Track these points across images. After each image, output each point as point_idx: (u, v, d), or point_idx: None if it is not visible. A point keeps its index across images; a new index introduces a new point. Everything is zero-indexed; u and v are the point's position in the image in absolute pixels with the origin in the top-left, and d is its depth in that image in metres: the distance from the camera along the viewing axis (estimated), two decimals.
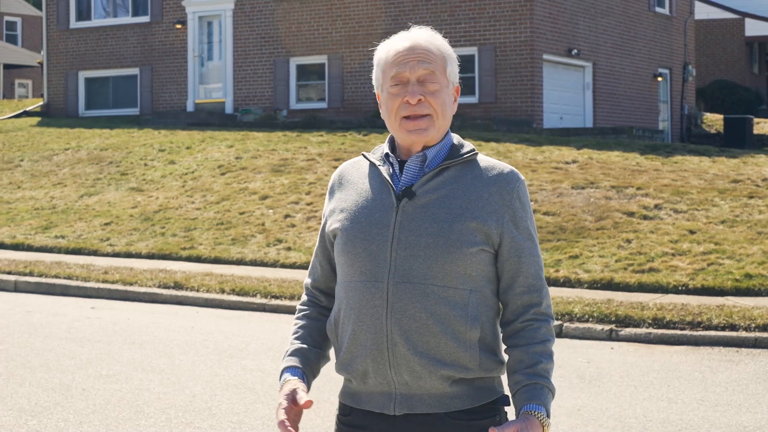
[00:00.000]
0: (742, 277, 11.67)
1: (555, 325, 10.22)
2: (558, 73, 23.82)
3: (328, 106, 24.76)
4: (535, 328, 2.80)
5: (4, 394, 7.65)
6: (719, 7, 38.06)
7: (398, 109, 2.81)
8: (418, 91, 2.79)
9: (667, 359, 9.19)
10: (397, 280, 2.75)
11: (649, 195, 14.89)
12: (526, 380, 2.75)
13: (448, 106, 2.83)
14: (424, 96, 2.79)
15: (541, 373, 2.76)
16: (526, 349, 2.78)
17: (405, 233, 2.77)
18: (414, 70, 2.80)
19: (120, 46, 27.59)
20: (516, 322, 2.81)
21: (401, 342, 2.74)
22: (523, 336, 2.80)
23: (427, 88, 2.80)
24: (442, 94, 2.81)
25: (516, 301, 2.82)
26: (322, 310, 3.02)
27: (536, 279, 2.82)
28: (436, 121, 2.80)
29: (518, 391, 2.76)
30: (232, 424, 6.89)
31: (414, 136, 2.80)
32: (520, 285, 2.81)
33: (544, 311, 2.82)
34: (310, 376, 2.93)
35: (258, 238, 14.88)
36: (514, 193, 2.81)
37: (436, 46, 2.84)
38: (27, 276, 13.48)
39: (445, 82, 2.83)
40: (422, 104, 2.79)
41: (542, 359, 2.77)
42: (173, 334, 10.14)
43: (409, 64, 2.80)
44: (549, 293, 2.87)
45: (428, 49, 2.82)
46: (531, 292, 2.81)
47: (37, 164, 20.81)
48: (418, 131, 2.80)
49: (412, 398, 2.78)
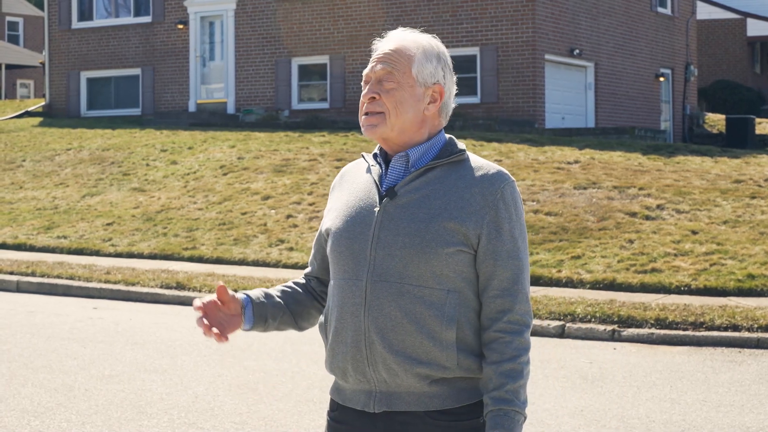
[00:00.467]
0: (744, 277, 11.66)
1: (557, 326, 10.27)
2: (560, 73, 23.82)
3: (330, 106, 24.76)
4: (506, 342, 2.75)
5: (7, 394, 7.65)
6: (721, 7, 38.05)
7: (362, 107, 2.89)
8: (373, 89, 2.86)
9: (669, 360, 9.18)
10: (375, 278, 2.78)
11: (652, 195, 14.89)
12: (492, 405, 2.73)
13: (407, 105, 2.84)
14: (379, 94, 2.85)
15: (506, 397, 2.72)
16: (495, 367, 2.74)
17: (384, 233, 2.80)
18: (374, 70, 2.87)
19: (122, 46, 27.60)
20: (489, 330, 2.78)
21: (378, 340, 2.77)
22: (494, 349, 2.76)
23: (382, 87, 2.85)
24: (398, 92, 2.84)
25: (490, 304, 2.79)
26: (310, 288, 3.10)
27: (512, 283, 2.78)
28: (389, 119, 2.84)
29: (486, 415, 2.75)
30: (235, 425, 6.88)
31: (366, 132, 2.88)
32: (494, 288, 2.78)
33: (518, 318, 2.78)
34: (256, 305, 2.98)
35: (260, 239, 14.88)
36: (497, 193, 2.80)
37: (405, 47, 2.88)
38: (29, 276, 13.48)
39: (408, 81, 2.85)
40: (376, 102, 2.85)
41: (509, 380, 2.73)
42: (175, 335, 10.14)
43: (372, 65, 2.89)
44: (528, 299, 2.81)
45: (396, 49, 2.87)
46: (504, 296, 2.77)
47: (39, 164, 20.82)
48: (368, 126, 2.86)
49: (392, 396, 2.80)
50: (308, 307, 3.08)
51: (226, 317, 2.93)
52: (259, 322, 2.99)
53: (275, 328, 3.04)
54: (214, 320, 2.90)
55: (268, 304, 3.01)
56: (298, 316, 3.07)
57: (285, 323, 3.05)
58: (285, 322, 3.05)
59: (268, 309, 3.00)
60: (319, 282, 3.10)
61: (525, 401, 2.77)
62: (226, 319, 2.93)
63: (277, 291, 3.06)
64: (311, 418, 7.07)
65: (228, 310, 2.92)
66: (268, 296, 3.02)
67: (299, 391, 7.79)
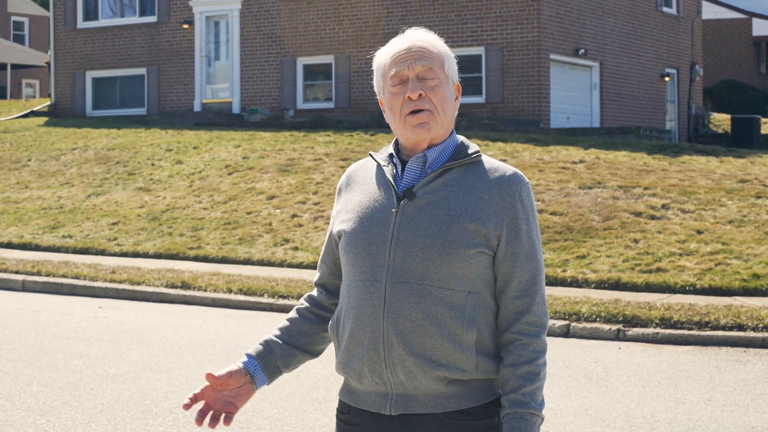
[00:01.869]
0: (749, 277, 11.65)
1: (562, 325, 10.27)
2: (565, 73, 23.81)
3: (335, 106, 24.77)
4: (524, 344, 2.76)
5: (13, 393, 7.67)
6: (726, 7, 38.01)
7: (402, 107, 2.82)
8: (418, 86, 2.80)
9: (674, 359, 9.18)
10: (395, 280, 2.75)
11: (657, 195, 14.88)
12: (509, 408, 2.74)
13: (448, 101, 2.84)
14: (424, 91, 2.80)
15: (523, 400, 2.73)
16: (513, 369, 2.75)
17: (404, 234, 2.77)
18: (412, 68, 2.81)
19: (127, 46, 27.63)
20: (507, 332, 2.78)
21: (397, 342, 2.74)
22: (511, 351, 2.76)
23: (426, 84, 2.81)
24: (441, 89, 2.81)
25: (508, 305, 2.79)
26: (316, 308, 3.04)
27: (530, 284, 2.79)
28: (437, 116, 2.81)
29: (503, 418, 2.75)
30: (240, 424, 6.89)
31: (418, 130, 2.81)
32: (513, 289, 2.79)
33: (536, 320, 2.78)
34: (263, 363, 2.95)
35: (265, 238, 14.90)
36: (515, 195, 2.79)
37: (432, 44, 2.85)
38: (35, 276, 13.51)
39: (444, 77, 2.83)
40: (423, 99, 2.80)
41: (526, 383, 2.73)
42: (181, 334, 10.16)
43: (407, 62, 2.81)
44: (545, 300, 2.83)
45: (424, 47, 2.83)
46: (522, 297, 2.78)
47: (44, 164, 20.86)
48: (421, 125, 2.80)
49: (408, 398, 2.78)
50: (316, 332, 3.03)
51: (232, 392, 2.90)
52: (273, 378, 2.97)
53: (291, 370, 3.02)
54: (218, 403, 2.88)
55: (275, 356, 2.97)
56: (310, 346, 3.02)
57: (300, 362, 3.02)
58: (299, 361, 3.02)
59: (277, 360, 2.97)
60: (328, 293, 3.04)
61: (542, 403, 2.77)
62: (232, 394, 2.90)
63: (280, 332, 3.01)
64: (316, 417, 7.08)
65: (230, 386, 2.89)
66: (273, 345, 2.98)
67: (304, 390, 7.80)
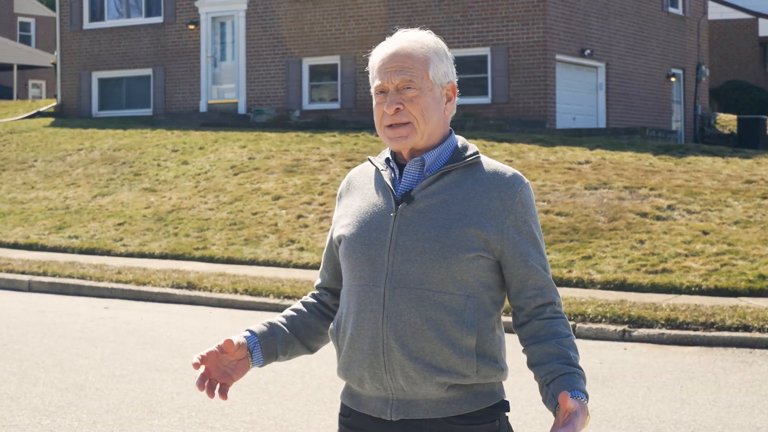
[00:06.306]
0: (755, 277, 11.64)
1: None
2: (571, 74, 23.79)
3: (340, 106, 24.78)
4: (557, 324, 2.81)
5: (18, 393, 7.68)
6: (733, 8, 37.95)
7: (381, 119, 2.83)
8: (395, 100, 2.79)
9: (680, 360, 9.17)
10: (394, 284, 2.75)
11: (662, 195, 14.86)
12: (564, 369, 2.75)
13: (431, 109, 2.81)
14: (403, 104, 2.79)
15: (576, 364, 2.78)
16: (556, 343, 2.79)
17: (402, 238, 2.76)
18: (392, 80, 2.80)
19: (133, 46, 27.66)
20: (534, 320, 2.81)
21: (396, 347, 2.74)
22: (547, 331, 2.80)
23: (404, 96, 2.79)
24: (422, 99, 2.79)
25: (530, 303, 2.81)
26: (320, 306, 3.04)
27: (546, 281, 2.82)
28: (418, 127, 2.79)
29: (555, 379, 2.75)
30: (245, 424, 6.90)
31: (395, 144, 2.82)
32: (531, 288, 2.81)
33: (559, 309, 2.85)
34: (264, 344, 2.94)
35: (271, 239, 14.90)
36: (516, 197, 2.79)
37: (418, 48, 2.82)
38: (41, 276, 13.53)
39: (427, 85, 2.80)
40: (401, 113, 2.79)
41: (572, 352, 2.79)
42: (186, 335, 10.17)
43: (387, 75, 2.80)
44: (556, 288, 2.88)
45: (408, 54, 2.81)
46: (544, 294, 2.82)
47: (50, 164, 20.89)
48: (398, 139, 2.80)
49: (409, 404, 2.78)
50: (318, 328, 3.03)
51: (232, 364, 2.91)
52: (268, 361, 2.97)
53: (286, 359, 3.01)
54: (217, 372, 2.88)
55: (276, 339, 2.96)
56: (310, 340, 3.02)
57: (296, 353, 3.02)
58: (296, 352, 3.01)
59: (277, 345, 2.96)
60: (331, 295, 3.05)
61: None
62: (231, 366, 2.91)
63: (285, 319, 3.01)
64: (321, 418, 7.09)
65: (233, 357, 2.90)
66: (276, 330, 2.98)
67: (309, 391, 7.81)
